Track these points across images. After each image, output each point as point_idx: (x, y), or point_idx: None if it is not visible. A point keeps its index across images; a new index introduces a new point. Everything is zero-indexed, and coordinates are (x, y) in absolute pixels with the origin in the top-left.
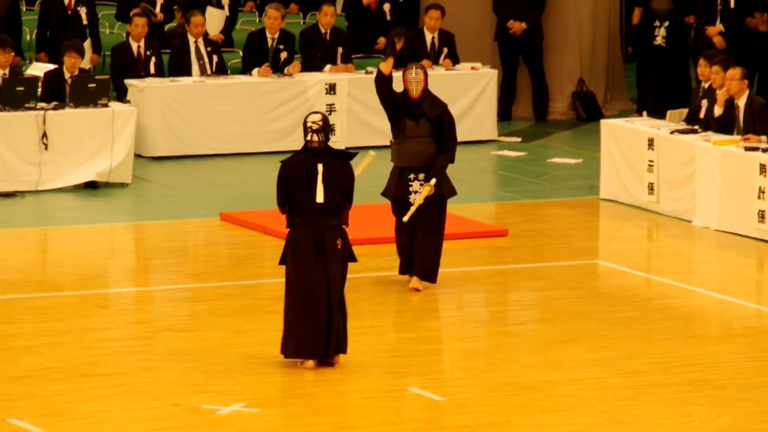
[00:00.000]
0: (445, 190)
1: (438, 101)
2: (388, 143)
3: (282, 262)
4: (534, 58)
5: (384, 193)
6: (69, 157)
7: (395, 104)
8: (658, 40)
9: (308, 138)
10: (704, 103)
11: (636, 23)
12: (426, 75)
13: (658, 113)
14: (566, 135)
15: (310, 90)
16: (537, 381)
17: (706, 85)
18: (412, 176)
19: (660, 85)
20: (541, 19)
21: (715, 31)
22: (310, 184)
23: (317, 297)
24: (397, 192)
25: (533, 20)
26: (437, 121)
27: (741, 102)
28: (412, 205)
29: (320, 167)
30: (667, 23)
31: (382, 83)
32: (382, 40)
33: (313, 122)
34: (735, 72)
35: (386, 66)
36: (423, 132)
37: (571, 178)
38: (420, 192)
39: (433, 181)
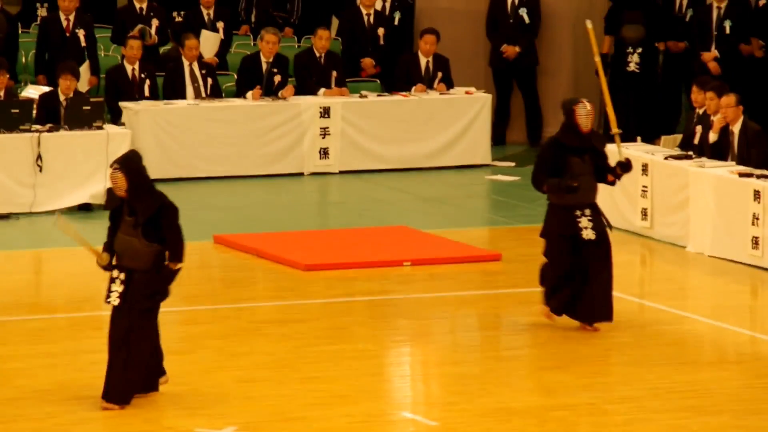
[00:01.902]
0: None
1: (598, 133)
2: (381, 167)
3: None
4: (528, 83)
5: (548, 233)
6: (63, 180)
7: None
8: (632, 67)
9: None
10: (698, 129)
11: (606, 52)
12: (594, 108)
13: (632, 139)
14: None
15: (304, 113)
16: (530, 406)
17: (701, 111)
18: (578, 213)
19: (630, 111)
20: (535, 43)
21: (711, 56)
22: None
23: None
24: (569, 229)
25: (527, 45)
26: (599, 153)
27: (735, 128)
28: (584, 239)
29: None
30: (640, 50)
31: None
32: (367, 62)
33: None
34: (730, 99)
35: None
36: (588, 169)
37: None
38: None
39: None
